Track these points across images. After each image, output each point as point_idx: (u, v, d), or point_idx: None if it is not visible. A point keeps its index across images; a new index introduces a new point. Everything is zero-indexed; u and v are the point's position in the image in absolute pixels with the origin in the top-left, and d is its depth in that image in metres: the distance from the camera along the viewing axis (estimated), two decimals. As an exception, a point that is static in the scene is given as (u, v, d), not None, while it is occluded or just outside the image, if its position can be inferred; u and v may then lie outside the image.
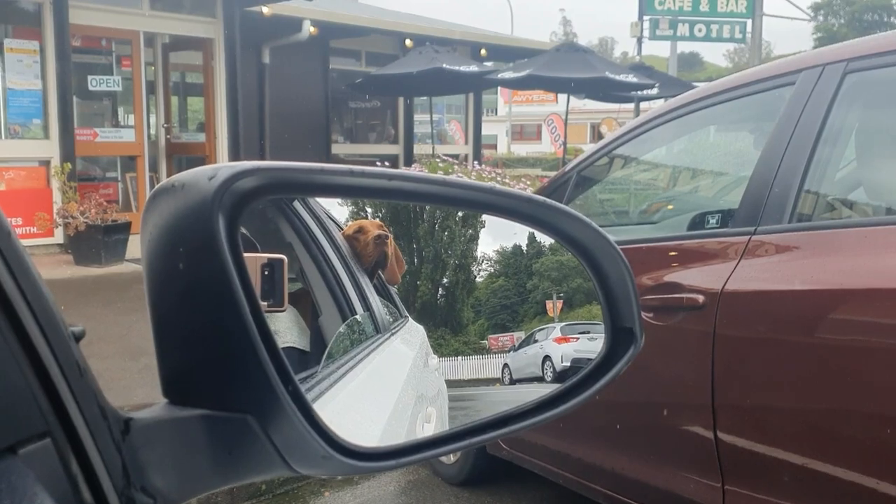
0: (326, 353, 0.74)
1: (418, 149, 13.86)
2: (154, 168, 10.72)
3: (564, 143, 14.77)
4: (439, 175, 0.74)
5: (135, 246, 8.56)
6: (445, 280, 0.89)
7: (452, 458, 3.61)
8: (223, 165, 0.51)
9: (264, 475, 0.54)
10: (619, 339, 0.76)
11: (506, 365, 0.93)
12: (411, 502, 3.52)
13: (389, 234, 0.80)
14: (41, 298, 0.41)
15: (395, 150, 13.75)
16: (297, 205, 0.84)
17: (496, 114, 38.15)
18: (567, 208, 0.75)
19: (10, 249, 0.39)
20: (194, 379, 0.52)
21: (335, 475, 1.78)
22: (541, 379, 1.00)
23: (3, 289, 0.38)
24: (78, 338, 0.44)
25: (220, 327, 0.49)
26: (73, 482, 0.41)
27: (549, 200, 0.74)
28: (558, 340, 1.03)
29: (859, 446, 1.97)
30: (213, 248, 0.49)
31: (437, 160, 10.29)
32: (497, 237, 0.91)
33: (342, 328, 0.81)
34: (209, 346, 0.50)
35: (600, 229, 0.75)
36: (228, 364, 0.50)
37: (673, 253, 2.49)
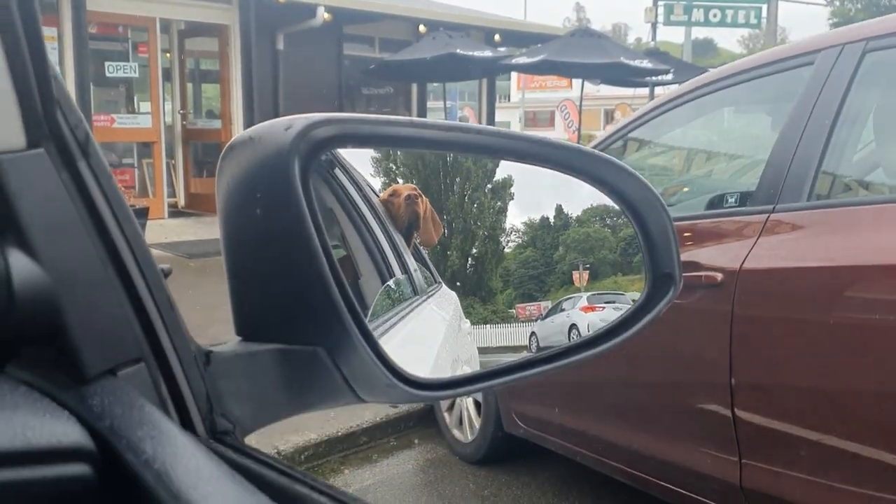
0: (371, 310, 0.78)
1: (432, 135, 13.80)
2: (171, 154, 10.80)
3: (578, 130, 14.73)
4: (494, 127, 0.77)
5: (153, 231, 8.63)
6: (475, 250, 0.92)
7: (469, 436, 3.65)
8: (297, 117, 0.54)
9: (332, 403, 0.58)
10: (658, 284, 0.79)
11: (533, 333, 0.96)
12: (429, 480, 3.57)
13: (421, 194, 0.83)
14: (138, 238, 0.45)
15: (409, 136, 13.70)
16: (338, 172, 0.88)
17: (509, 100, 37.96)
18: (615, 160, 0.78)
19: (112, 194, 0.43)
20: (268, 316, 0.56)
21: (398, 403, 1.83)
22: None
23: (108, 228, 0.42)
24: (166, 274, 0.48)
25: (295, 267, 0.53)
26: (164, 405, 0.45)
27: (597, 152, 0.77)
28: (585, 309, 1.06)
29: (875, 422, 2.00)
30: (291, 193, 0.52)
31: (451, 146, 10.26)
32: (525, 209, 0.94)
33: (383, 288, 0.85)
34: (284, 285, 0.54)
35: (645, 180, 0.78)
36: (302, 301, 0.54)
37: (691, 232, 2.51)
